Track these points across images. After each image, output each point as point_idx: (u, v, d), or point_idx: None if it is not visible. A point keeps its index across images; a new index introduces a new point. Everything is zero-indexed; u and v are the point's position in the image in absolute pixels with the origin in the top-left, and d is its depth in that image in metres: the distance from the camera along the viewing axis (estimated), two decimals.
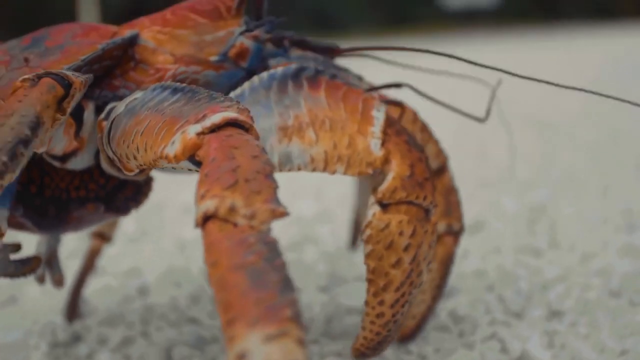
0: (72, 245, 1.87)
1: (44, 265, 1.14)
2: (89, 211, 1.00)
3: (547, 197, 2.15)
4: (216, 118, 0.71)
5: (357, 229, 1.53)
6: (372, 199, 0.92)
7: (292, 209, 2.12)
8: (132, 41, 0.95)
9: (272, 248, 0.59)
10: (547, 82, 0.94)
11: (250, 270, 0.57)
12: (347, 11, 18.76)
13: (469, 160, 2.88)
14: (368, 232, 0.91)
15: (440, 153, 1.12)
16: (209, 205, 0.62)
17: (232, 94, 0.90)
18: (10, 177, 0.71)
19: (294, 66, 0.92)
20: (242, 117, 0.71)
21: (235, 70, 0.97)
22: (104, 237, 1.39)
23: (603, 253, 1.61)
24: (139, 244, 1.87)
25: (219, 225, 0.61)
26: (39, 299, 1.50)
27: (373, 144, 0.90)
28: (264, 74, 0.91)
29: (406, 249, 0.90)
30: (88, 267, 1.39)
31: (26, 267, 0.94)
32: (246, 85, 0.91)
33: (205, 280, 1.55)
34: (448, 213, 1.11)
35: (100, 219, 1.03)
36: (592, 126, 3.57)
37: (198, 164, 0.71)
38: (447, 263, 1.13)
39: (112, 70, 0.95)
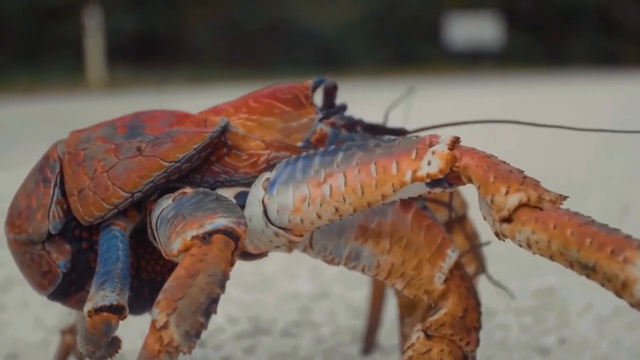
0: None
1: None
2: None
3: (553, 281, 2.06)
4: (449, 137, 0.79)
5: (370, 335, 1.53)
6: (418, 326, 0.95)
7: (288, 285, 2.04)
8: (224, 128, 0.97)
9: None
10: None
11: (596, 225, 0.72)
12: (352, 49, 18.86)
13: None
14: (410, 353, 0.94)
15: (464, 203, 1.24)
16: (521, 196, 0.74)
17: None
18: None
19: None
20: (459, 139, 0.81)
21: None
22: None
23: (616, 355, 1.52)
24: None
25: (532, 210, 0.74)
26: None
27: (438, 276, 0.95)
28: None
29: None
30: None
31: (112, 348, 0.94)
32: None
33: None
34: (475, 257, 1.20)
35: None
36: (601, 195, 3.45)
37: (437, 183, 0.79)
38: None
39: (208, 156, 0.97)
